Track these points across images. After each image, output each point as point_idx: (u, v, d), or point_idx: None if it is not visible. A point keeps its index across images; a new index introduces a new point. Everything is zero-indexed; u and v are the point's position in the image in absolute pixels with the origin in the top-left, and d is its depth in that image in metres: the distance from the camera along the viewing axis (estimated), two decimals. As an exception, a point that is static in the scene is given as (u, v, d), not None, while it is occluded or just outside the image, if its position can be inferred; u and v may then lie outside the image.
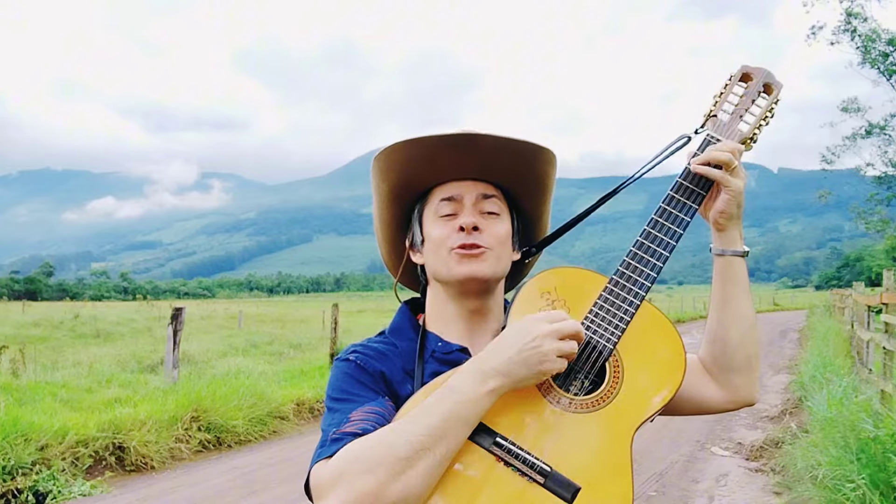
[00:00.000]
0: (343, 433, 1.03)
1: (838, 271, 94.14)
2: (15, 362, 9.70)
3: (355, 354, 1.18)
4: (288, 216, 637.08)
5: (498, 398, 1.03)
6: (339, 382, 1.15)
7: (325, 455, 1.01)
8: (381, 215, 1.28)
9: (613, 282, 1.13)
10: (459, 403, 1.00)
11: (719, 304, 1.22)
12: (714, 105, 1.21)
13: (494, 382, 1.01)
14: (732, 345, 1.21)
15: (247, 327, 23.49)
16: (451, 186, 1.20)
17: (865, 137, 27.25)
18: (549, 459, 1.03)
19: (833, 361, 9.79)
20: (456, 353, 1.18)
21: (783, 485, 5.46)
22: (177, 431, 6.45)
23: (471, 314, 1.21)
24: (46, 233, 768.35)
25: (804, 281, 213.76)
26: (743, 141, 1.19)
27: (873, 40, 25.07)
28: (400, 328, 1.25)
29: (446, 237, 1.18)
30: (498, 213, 1.20)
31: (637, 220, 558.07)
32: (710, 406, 1.26)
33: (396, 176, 1.21)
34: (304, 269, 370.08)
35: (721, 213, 1.17)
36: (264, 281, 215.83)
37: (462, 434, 1.00)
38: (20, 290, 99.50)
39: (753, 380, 1.24)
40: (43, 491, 5.08)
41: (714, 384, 1.24)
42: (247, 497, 5.21)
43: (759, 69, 1.21)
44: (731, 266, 1.20)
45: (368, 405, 1.09)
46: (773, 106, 1.21)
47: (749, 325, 1.22)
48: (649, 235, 1.14)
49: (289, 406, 8.01)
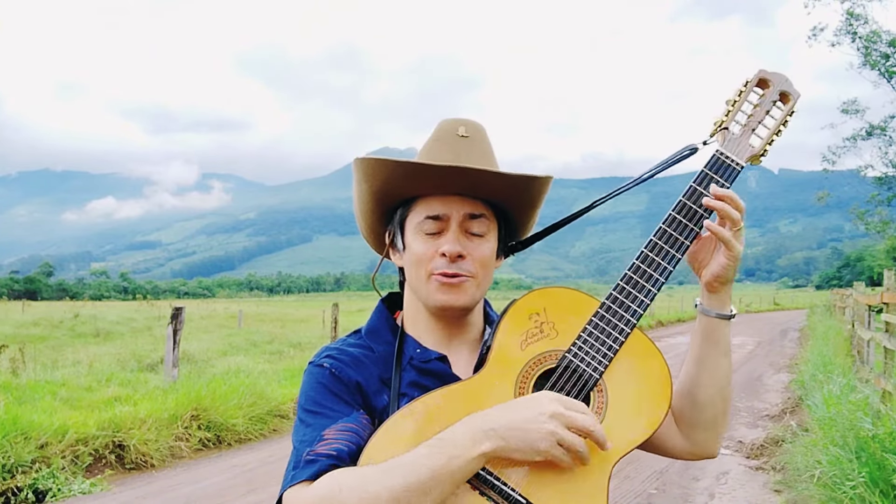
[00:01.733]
0: (317, 454, 1.02)
1: (839, 271, 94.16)
2: (15, 361, 9.69)
3: (330, 360, 1.14)
4: (288, 216, 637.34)
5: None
6: (313, 392, 1.11)
7: (301, 479, 1.00)
8: (361, 208, 1.22)
9: (605, 307, 1.09)
10: (452, 459, 0.97)
11: (694, 361, 1.18)
12: (727, 115, 1.15)
13: (490, 444, 0.98)
14: (700, 403, 1.17)
15: (247, 327, 23.47)
16: (436, 202, 1.13)
17: (866, 138, 27.28)
18: (525, 491, 1.02)
19: (833, 360, 9.81)
20: (434, 361, 1.14)
21: (783, 483, 5.46)
22: (177, 430, 6.45)
23: (449, 326, 1.19)
24: (46, 233, 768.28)
25: (805, 281, 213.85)
26: (753, 157, 1.14)
27: (874, 42, 25.10)
28: (377, 329, 1.21)
29: (428, 259, 1.12)
30: (483, 234, 1.14)
31: (637, 220, 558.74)
32: (670, 452, 1.23)
33: (379, 183, 1.15)
34: (304, 269, 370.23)
35: (717, 276, 1.12)
36: (264, 281, 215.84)
37: (448, 491, 0.98)
38: (20, 289, 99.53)
39: (717, 436, 1.20)
40: (43, 489, 5.08)
41: (678, 434, 1.21)
42: (246, 495, 5.21)
43: (777, 75, 1.15)
44: (714, 328, 1.15)
45: (342, 422, 1.06)
46: (788, 118, 1.15)
47: (721, 386, 1.17)
48: (646, 259, 1.10)
49: (288, 405, 8.00)
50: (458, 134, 1.14)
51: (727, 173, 1.12)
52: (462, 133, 1.15)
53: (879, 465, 4.20)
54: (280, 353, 15.11)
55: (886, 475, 4.10)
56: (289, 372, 10.76)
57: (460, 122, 1.16)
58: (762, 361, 14.44)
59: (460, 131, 1.15)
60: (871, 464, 4.26)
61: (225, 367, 10.80)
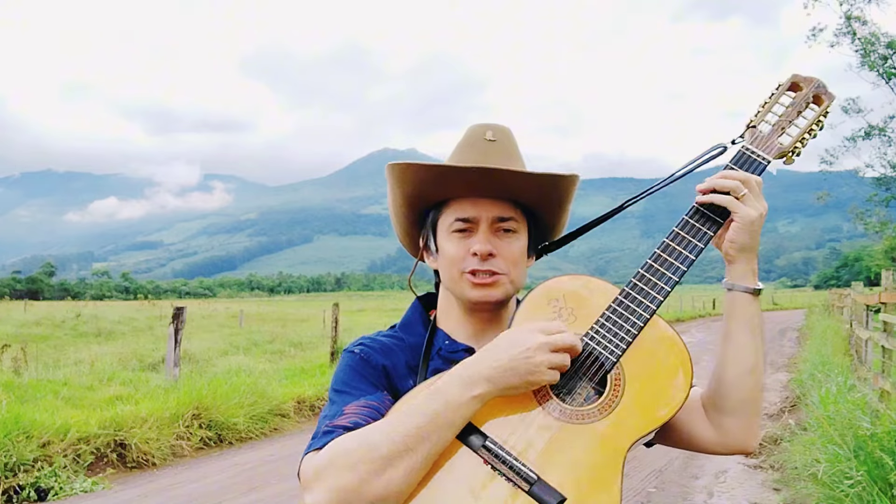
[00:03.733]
0: (335, 426, 1.06)
1: (837, 271, 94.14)
2: (17, 361, 9.72)
3: (360, 347, 1.19)
4: (289, 217, 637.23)
5: (488, 402, 1.04)
6: (342, 374, 1.17)
7: (315, 447, 1.04)
8: (395, 212, 1.27)
9: (624, 293, 1.10)
10: (445, 406, 1.01)
11: (722, 339, 1.18)
12: (756, 115, 1.15)
13: (481, 388, 1.02)
14: (727, 384, 1.15)
15: (248, 326, 23.49)
16: (467, 204, 1.17)
17: (865, 139, 27.30)
18: (536, 467, 1.02)
19: (832, 360, 9.82)
20: (461, 353, 1.17)
21: (782, 481, 5.48)
22: (178, 429, 6.47)
23: (482, 322, 1.22)
24: (48, 233, 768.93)
25: (803, 280, 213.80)
26: (783, 154, 1.14)
27: (872, 43, 25.10)
28: (410, 322, 1.26)
29: (460, 258, 1.16)
30: (514, 231, 1.18)
31: (637, 220, 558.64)
32: (700, 444, 1.20)
33: (410, 188, 1.20)
34: (304, 269, 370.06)
35: (731, 242, 1.12)
36: (265, 281, 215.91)
37: (446, 437, 1.01)
38: (22, 289, 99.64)
39: (749, 426, 1.16)
40: (45, 487, 5.11)
41: (706, 422, 1.19)
42: (247, 494, 5.23)
43: (811, 79, 1.15)
44: (738, 302, 1.14)
45: (364, 398, 1.11)
46: (822, 119, 1.14)
47: (747, 367, 1.14)
48: (667, 248, 1.12)
49: (289, 404, 8.04)
50: (485, 138, 1.18)
51: (751, 166, 1.13)
52: (489, 137, 1.18)
53: (877, 464, 4.20)
54: (281, 353, 15.13)
55: (884, 473, 4.10)
56: (289, 371, 10.79)
57: (488, 127, 1.20)
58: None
59: (488, 135, 1.18)
60: (869, 462, 4.27)
61: (226, 367, 10.83)
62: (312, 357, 13.31)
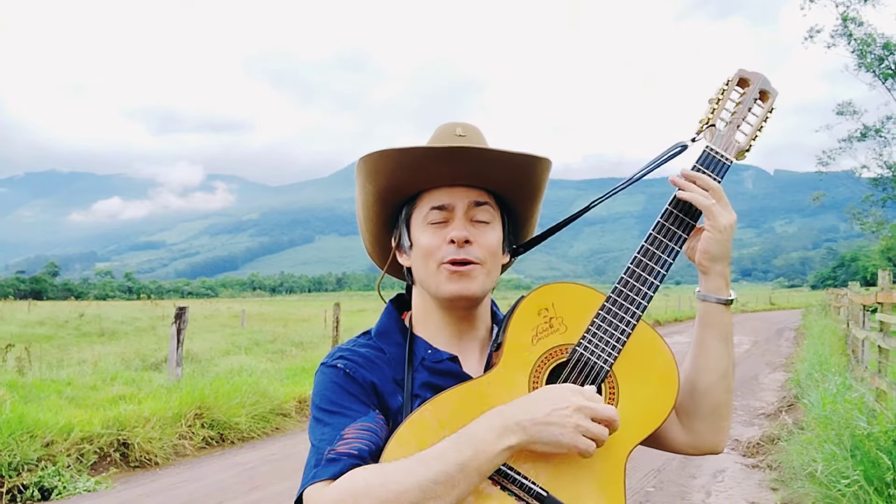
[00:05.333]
0: (339, 454, 1.02)
1: (834, 271, 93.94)
2: (21, 360, 9.77)
3: (343, 361, 1.14)
4: (290, 217, 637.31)
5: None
6: (328, 392, 1.12)
7: (323, 477, 1.00)
8: (366, 213, 1.24)
9: (611, 300, 1.11)
10: (475, 454, 0.98)
11: (694, 347, 1.19)
12: (711, 113, 1.17)
13: (515, 438, 0.99)
14: (700, 391, 1.17)
15: (249, 326, 23.53)
16: (441, 193, 1.16)
17: (861, 140, 27.34)
18: (545, 484, 1.03)
19: (829, 360, 9.84)
20: (446, 362, 1.15)
21: (779, 481, 5.50)
22: (180, 428, 6.51)
23: (459, 322, 1.19)
24: (51, 233, 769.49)
25: (800, 281, 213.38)
26: (741, 153, 1.17)
27: (868, 44, 25.12)
28: (387, 331, 1.22)
29: (436, 248, 1.14)
30: (489, 222, 1.17)
31: (635, 220, 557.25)
32: (672, 446, 1.22)
33: (384, 180, 1.17)
34: (306, 269, 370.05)
35: (704, 252, 1.12)
36: (267, 281, 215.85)
37: (474, 484, 0.99)
38: (26, 289, 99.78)
39: (719, 429, 1.19)
40: (48, 486, 5.15)
41: (679, 426, 1.21)
42: (249, 493, 5.27)
43: (756, 74, 1.18)
44: (712, 313, 1.16)
45: (360, 421, 1.07)
46: (768, 115, 1.18)
47: (720, 374, 1.16)
48: (647, 252, 1.12)
49: (291, 403, 8.07)
50: (455, 134, 1.18)
51: (718, 168, 1.15)
52: (459, 133, 1.18)
53: (874, 463, 4.23)
54: (282, 353, 15.17)
55: (881, 473, 4.13)
56: (291, 371, 10.82)
57: (457, 125, 1.20)
58: (758, 360, 14.48)
59: (458, 131, 1.18)
60: (865, 462, 4.29)
61: (228, 366, 10.86)
62: (314, 357, 13.34)
